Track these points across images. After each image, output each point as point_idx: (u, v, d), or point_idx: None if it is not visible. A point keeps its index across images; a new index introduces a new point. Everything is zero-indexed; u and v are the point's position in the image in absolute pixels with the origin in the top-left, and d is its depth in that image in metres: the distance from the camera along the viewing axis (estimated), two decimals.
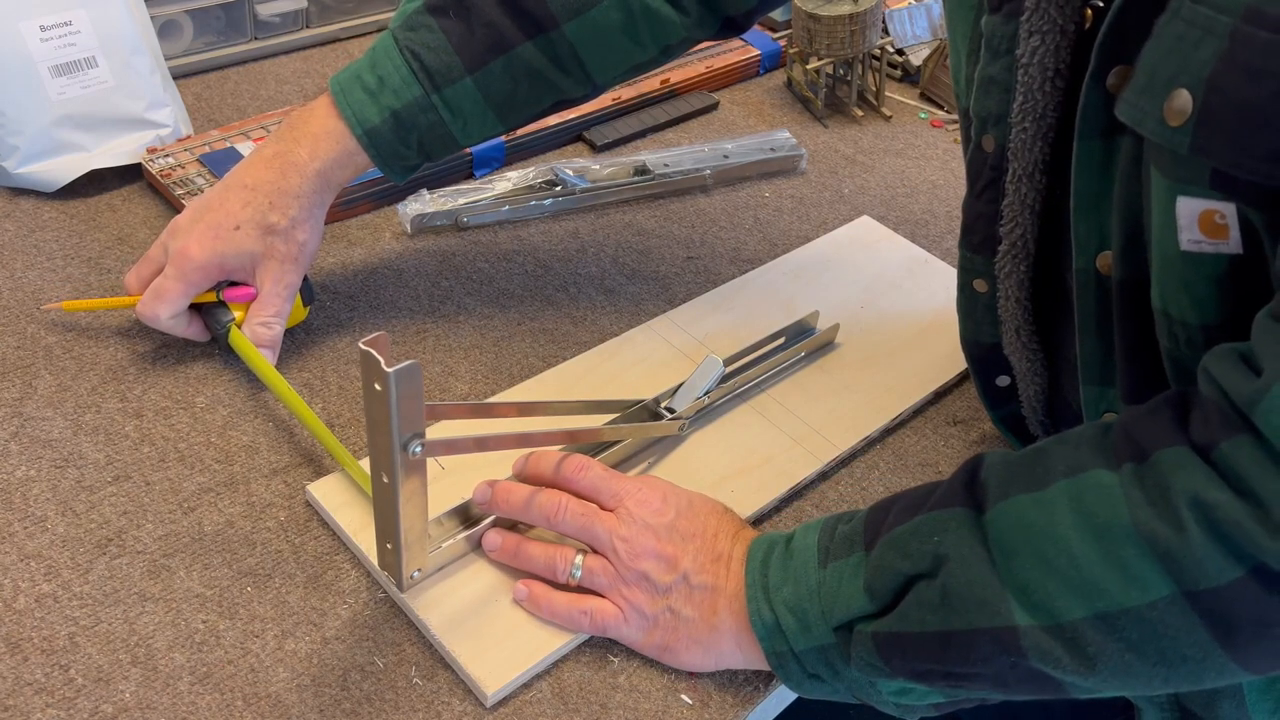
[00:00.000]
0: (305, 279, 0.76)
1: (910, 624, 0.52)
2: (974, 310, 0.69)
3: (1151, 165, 0.51)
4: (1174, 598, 0.46)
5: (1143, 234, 0.54)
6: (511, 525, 0.64)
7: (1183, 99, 0.46)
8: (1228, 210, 0.48)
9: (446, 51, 0.71)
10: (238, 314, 0.74)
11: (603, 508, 0.62)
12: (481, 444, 0.60)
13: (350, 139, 0.73)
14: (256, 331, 0.73)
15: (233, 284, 0.74)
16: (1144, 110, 0.49)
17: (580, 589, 0.61)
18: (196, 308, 0.74)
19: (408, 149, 0.74)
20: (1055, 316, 0.66)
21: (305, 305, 0.78)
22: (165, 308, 0.71)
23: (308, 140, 0.73)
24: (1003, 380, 0.71)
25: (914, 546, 0.53)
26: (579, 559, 0.61)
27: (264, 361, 0.71)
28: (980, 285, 0.68)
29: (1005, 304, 0.66)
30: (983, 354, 0.71)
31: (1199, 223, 0.49)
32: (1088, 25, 0.56)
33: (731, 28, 0.80)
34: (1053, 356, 0.68)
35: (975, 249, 0.66)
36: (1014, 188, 0.61)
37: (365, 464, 0.66)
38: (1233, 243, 0.49)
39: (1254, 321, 0.47)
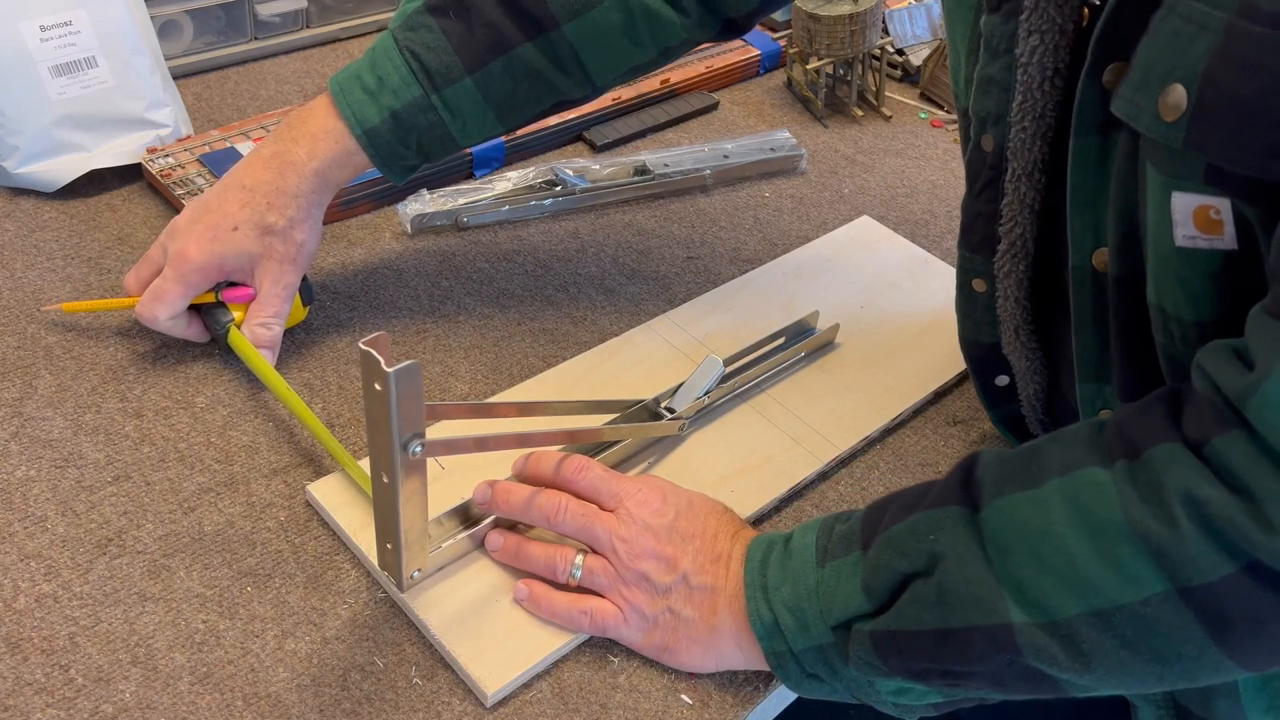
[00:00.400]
0: (304, 279, 0.76)
1: (907, 622, 0.52)
2: (973, 310, 0.69)
3: (1147, 161, 0.51)
4: (1168, 594, 0.46)
5: (1139, 231, 0.54)
6: (511, 525, 0.64)
7: (1177, 94, 0.47)
8: (1222, 205, 0.48)
9: (446, 52, 0.71)
10: (237, 314, 0.74)
11: (603, 508, 0.61)
12: (481, 444, 0.60)
13: (349, 139, 0.73)
14: (256, 332, 0.73)
15: (231, 284, 0.74)
16: (1139, 105, 0.49)
17: (580, 589, 0.61)
18: (196, 308, 0.74)
19: (407, 149, 0.73)
20: (1054, 316, 0.66)
21: (305, 305, 0.78)
22: (164, 309, 0.71)
23: (306, 140, 0.73)
24: (1001, 380, 0.71)
25: (910, 545, 0.53)
26: (579, 559, 0.61)
27: (263, 362, 0.71)
28: (979, 285, 0.68)
29: (1004, 303, 0.66)
30: (981, 354, 0.71)
31: (1194, 218, 0.49)
32: (1085, 24, 0.56)
33: (732, 29, 0.80)
34: (1051, 355, 0.68)
35: (974, 249, 0.66)
36: (1013, 187, 0.61)
37: (365, 464, 0.66)
38: (1227, 238, 0.49)
39: (1248, 317, 0.47)
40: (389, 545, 0.58)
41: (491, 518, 0.64)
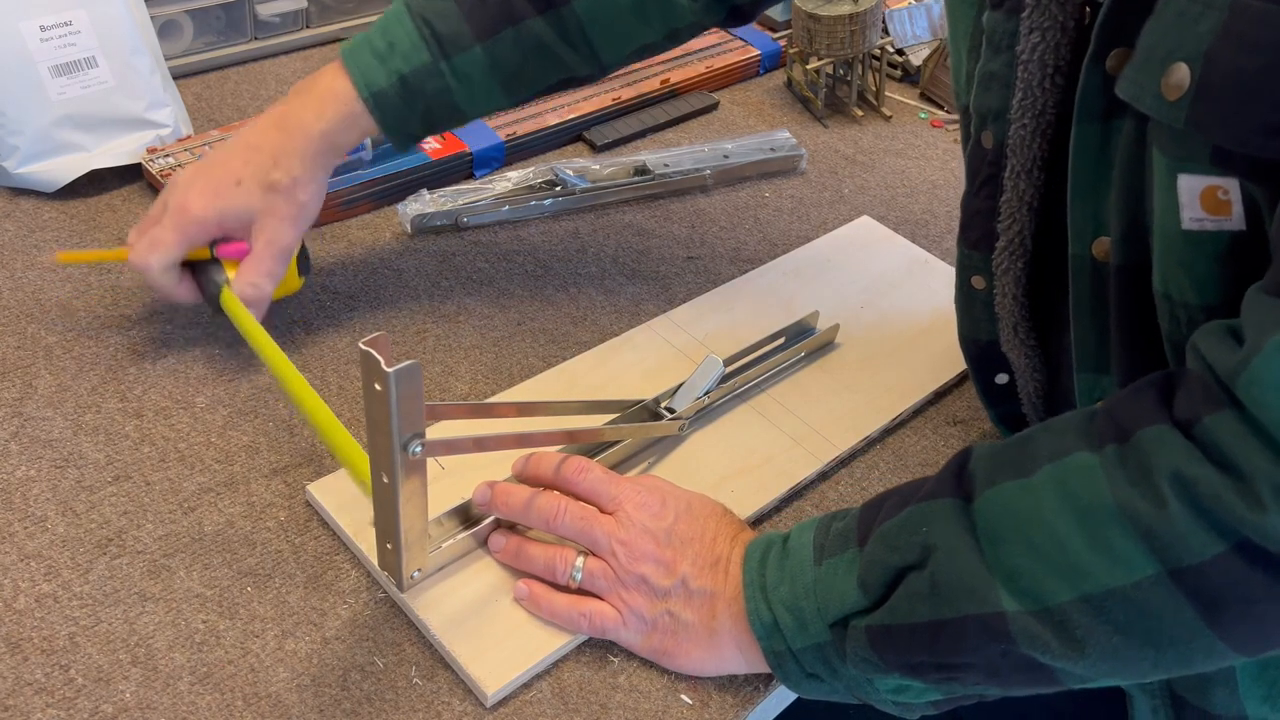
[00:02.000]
0: (304, 248, 0.76)
1: (901, 616, 0.52)
2: (972, 307, 0.69)
3: (1153, 145, 0.51)
4: (1159, 577, 0.46)
5: (1143, 218, 0.54)
6: (512, 525, 0.64)
7: (1181, 72, 0.47)
8: (1231, 186, 0.48)
9: (457, 19, 0.72)
10: (230, 273, 0.72)
11: (602, 510, 0.61)
12: (481, 444, 0.60)
13: (356, 101, 0.72)
14: (244, 290, 0.71)
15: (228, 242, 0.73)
16: (1142, 86, 0.49)
17: (581, 591, 0.61)
18: (190, 267, 0.73)
19: (412, 115, 0.74)
20: (1053, 312, 0.66)
21: (301, 275, 0.76)
22: (158, 257, 0.70)
23: (314, 102, 0.73)
24: (1001, 378, 0.71)
25: (903, 539, 0.53)
26: (579, 561, 0.60)
27: (257, 326, 0.69)
28: (978, 282, 0.68)
29: (1003, 300, 0.66)
30: (981, 351, 0.71)
31: (1201, 200, 0.49)
32: (1087, 21, 0.56)
33: (738, 16, 0.81)
34: (1050, 352, 0.68)
35: (973, 245, 0.66)
36: (1012, 183, 0.62)
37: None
38: (1235, 219, 0.49)
39: (1245, 295, 0.47)
40: (389, 545, 0.58)
41: (491, 518, 0.64)
